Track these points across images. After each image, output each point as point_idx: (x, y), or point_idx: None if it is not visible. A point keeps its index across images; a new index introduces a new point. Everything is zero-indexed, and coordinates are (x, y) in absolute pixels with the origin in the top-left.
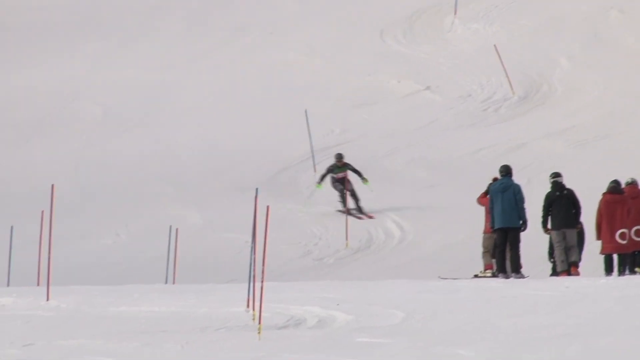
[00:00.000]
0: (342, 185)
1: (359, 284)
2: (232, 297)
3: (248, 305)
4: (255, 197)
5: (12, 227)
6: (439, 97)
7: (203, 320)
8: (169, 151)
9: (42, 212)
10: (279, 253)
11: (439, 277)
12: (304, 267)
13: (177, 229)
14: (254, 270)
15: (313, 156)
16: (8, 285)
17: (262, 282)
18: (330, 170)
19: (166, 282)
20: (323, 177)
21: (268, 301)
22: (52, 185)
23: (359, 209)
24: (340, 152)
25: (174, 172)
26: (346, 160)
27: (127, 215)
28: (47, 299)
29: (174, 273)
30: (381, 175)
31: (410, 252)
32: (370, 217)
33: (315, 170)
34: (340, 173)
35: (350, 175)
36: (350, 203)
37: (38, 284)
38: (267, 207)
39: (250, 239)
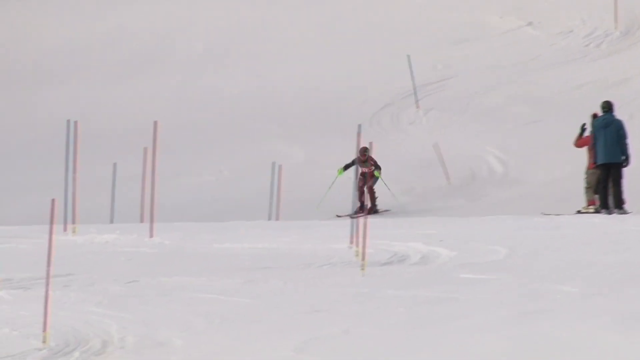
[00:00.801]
0: (362, 180)
1: (461, 220)
2: (335, 234)
3: (351, 242)
4: (358, 134)
5: (114, 164)
6: (540, 33)
7: (306, 257)
8: (270, 87)
9: (145, 149)
10: (382, 189)
11: (542, 213)
12: (406, 204)
13: (280, 165)
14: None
15: (415, 93)
16: (111, 222)
17: (365, 218)
18: (354, 163)
19: (269, 219)
20: (347, 166)
21: (371, 237)
22: (155, 122)
23: (371, 209)
24: (365, 145)
25: (275, 108)
26: (371, 154)
27: (229, 152)
28: (151, 236)
29: (278, 209)
30: (482, 111)
31: (512, 188)
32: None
33: (417, 107)
34: (363, 168)
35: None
36: (365, 200)
37: (141, 221)
38: (370, 143)
39: (353, 176)
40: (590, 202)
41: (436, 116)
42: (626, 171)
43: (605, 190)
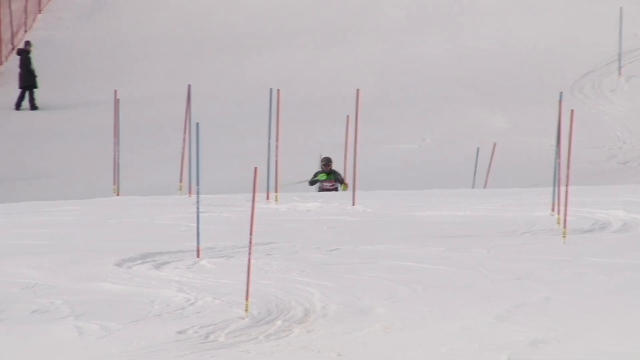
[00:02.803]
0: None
1: None
2: (536, 201)
3: (553, 209)
4: (560, 101)
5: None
6: None
7: (508, 224)
8: (472, 54)
9: (347, 116)
10: (584, 156)
11: None
12: (608, 171)
13: (494, 144)
14: (559, 174)
15: (620, 58)
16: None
17: (567, 185)
18: (317, 176)
19: (473, 187)
20: (312, 183)
21: (572, 205)
22: (357, 90)
23: None
24: (327, 156)
25: (477, 75)
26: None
27: (432, 119)
28: (353, 204)
29: (487, 178)
30: None
31: None
32: None
33: (620, 74)
34: (325, 183)
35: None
36: None
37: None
38: (572, 111)
39: (554, 143)
40: None
41: (638, 83)
42: None
43: None
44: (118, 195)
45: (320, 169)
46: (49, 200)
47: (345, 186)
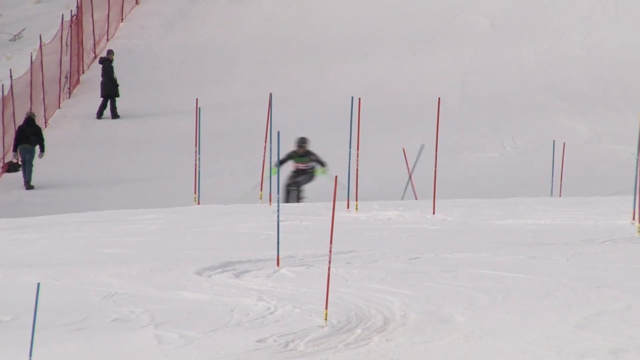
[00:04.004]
0: (296, 177)
1: None
2: (617, 209)
3: (634, 218)
4: None
5: (422, 145)
6: None
7: (589, 233)
8: (556, 60)
9: (430, 125)
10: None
11: None
12: None
13: (564, 143)
14: None
15: None
16: (402, 199)
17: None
18: (290, 157)
19: (552, 195)
20: (282, 162)
21: None
22: (439, 98)
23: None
24: (304, 136)
25: (560, 82)
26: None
27: (513, 128)
28: (433, 213)
29: (560, 186)
30: None
31: None
32: None
33: None
34: (299, 163)
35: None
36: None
37: (415, 198)
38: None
39: (635, 151)
40: None
41: None
42: None
43: None
44: (198, 204)
45: (294, 150)
46: (129, 209)
47: (325, 171)
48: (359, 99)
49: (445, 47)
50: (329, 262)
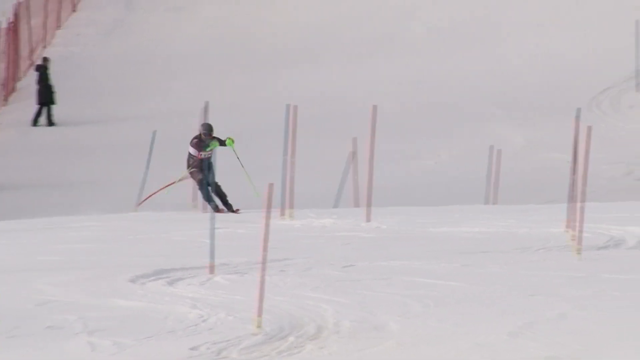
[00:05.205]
0: (205, 171)
1: None
2: (552, 218)
3: (567, 226)
4: (576, 118)
5: (352, 153)
6: None
7: (523, 241)
8: (492, 70)
9: (363, 133)
10: (600, 173)
11: None
12: (625, 187)
13: (499, 150)
14: (574, 190)
15: (638, 74)
16: (336, 206)
17: (581, 202)
18: (197, 146)
19: (486, 203)
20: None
21: (588, 221)
22: (374, 106)
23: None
24: (209, 122)
25: (497, 91)
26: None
27: (449, 136)
28: (368, 220)
29: (495, 193)
30: None
31: None
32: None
33: (638, 90)
34: (203, 152)
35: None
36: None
37: (356, 205)
38: (588, 127)
39: (571, 159)
40: None
41: None
42: None
43: None
44: (136, 211)
45: (200, 138)
46: (64, 216)
47: (231, 140)
48: (295, 106)
49: (385, 55)
50: (263, 269)
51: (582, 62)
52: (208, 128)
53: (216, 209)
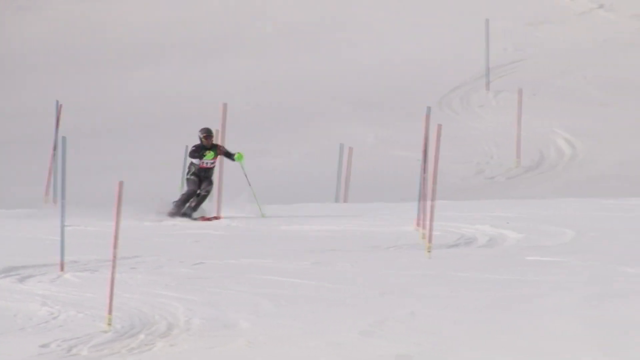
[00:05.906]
0: (204, 177)
1: (530, 203)
2: (402, 216)
3: (418, 224)
4: (427, 116)
5: (187, 146)
6: (612, 16)
7: (373, 239)
8: (343, 70)
9: (216, 131)
10: (451, 172)
11: None
12: (475, 186)
13: (349, 148)
14: (425, 188)
15: (488, 73)
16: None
17: (432, 200)
18: (197, 153)
19: (336, 201)
20: (200, 157)
21: (439, 220)
22: (224, 104)
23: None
24: (208, 127)
25: (348, 90)
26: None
27: (299, 134)
28: (219, 218)
29: (346, 192)
30: (554, 93)
31: (581, 170)
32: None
33: (488, 89)
34: (206, 161)
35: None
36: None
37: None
38: (439, 125)
39: (421, 157)
40: None
41: (506, 98)
42: None
43: None
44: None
45: (201, 143)
46: None
47: (240, 155)
48: (60, 105)
49: (235, 53)
50: (113, 267)
51: (433, 62)
52: (207, 132)
53: (183, 216)
